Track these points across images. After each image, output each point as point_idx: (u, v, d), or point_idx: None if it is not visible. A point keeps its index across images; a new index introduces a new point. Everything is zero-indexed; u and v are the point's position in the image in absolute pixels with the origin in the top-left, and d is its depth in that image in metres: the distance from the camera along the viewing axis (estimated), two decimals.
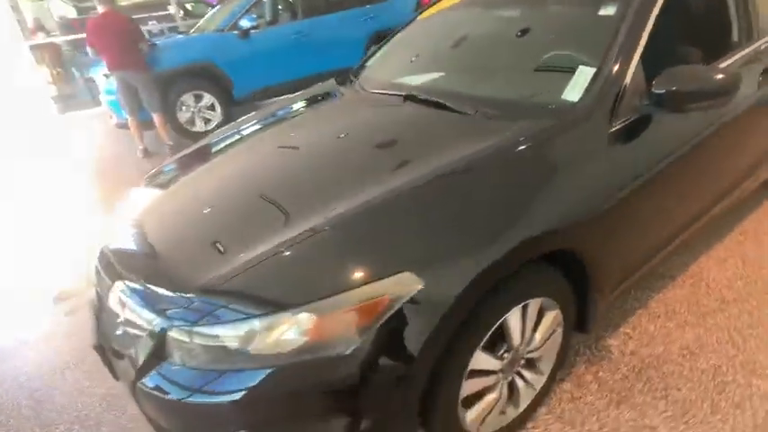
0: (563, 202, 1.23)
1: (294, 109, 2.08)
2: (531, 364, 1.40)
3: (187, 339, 1.07)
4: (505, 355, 1.28)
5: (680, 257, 2.05)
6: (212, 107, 5.08)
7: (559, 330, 1.41)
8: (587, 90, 1.38)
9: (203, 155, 1.87)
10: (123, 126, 5.03)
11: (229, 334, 1.04)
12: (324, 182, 1.33)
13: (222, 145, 1.88)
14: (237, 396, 1.03)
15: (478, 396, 1.28)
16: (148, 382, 1.10)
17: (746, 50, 1.74)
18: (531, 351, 1.36)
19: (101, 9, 4.18)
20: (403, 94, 1.74)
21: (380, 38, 5.59)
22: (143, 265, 1.26)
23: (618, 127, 1.35)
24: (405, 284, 1.01)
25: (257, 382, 1.02)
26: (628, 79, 1.37)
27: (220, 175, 1.63)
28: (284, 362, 1.01)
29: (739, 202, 2.07)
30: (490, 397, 1.30)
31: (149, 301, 1.15)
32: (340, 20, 5.46)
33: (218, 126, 5.16)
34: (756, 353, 1.62)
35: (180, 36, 5.61)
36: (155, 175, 1.85)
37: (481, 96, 1.60)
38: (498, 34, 1.86)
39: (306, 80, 5.38)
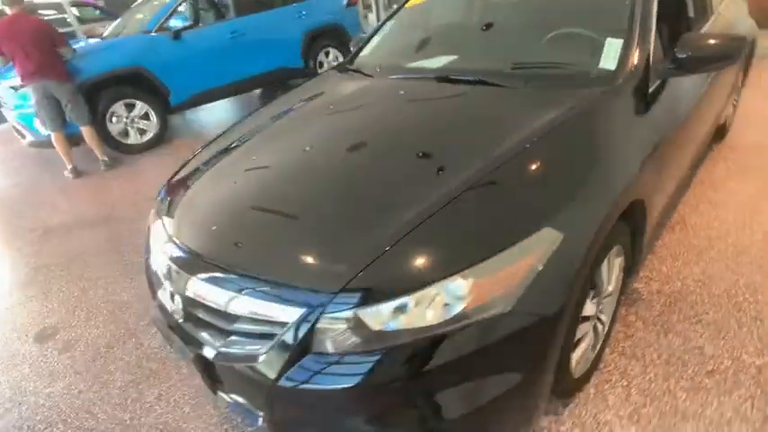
0: (632, 156, 1.39)
1: (320, 100, 2.00)
2: (602, 309, 1.55)
3: (338, 326, 1.04)
4: (594, 300, 1.41)
5: None
6: (147, 116, 4.68)
7: (621, 275, 1.58)
8: (621, 59, 1.56)
9: (247, 138, 1.77)
10: (41, 145, 4.44)
11: (384, 313, 1.03)
12: (426, 158, 1.33)
13: (263, 131, 1.79)
14: (395, 373, 1.03)
15: (577, 342, 1.39)
16: (297, 377, 1.05)
17: (707, 25, 2.08)
18: (606, 296, 1.51)
19: (10, 11, 3.63)
20: (432, 76, 1.81)
21: (316, 36, 5.65)
22: (269, 261, 1.17)
23: (652, 89, 1.55)
24: (548, 239, 1.09)
25: (415, 354, 1.03)
26: (651, 48, 1.58)
27: (293, 156, 1.54)
28: (441, 331, 1.02)
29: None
30: (586, 341, 1.43)
31: (285, 296, 1.08)
32: (274, 18, 5.34)
33: (156, 137, 4.76)
34: (751, 275, 1.95)
35: (100, 40, 5.05)
36: (202, 161, 1.74)
37: (515, 71, 1.72)
38: (512, 13, 2.00)
39: (245, 82, 5.23)
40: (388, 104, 1.74)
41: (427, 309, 1.03)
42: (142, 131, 4.71)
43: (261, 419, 1.25)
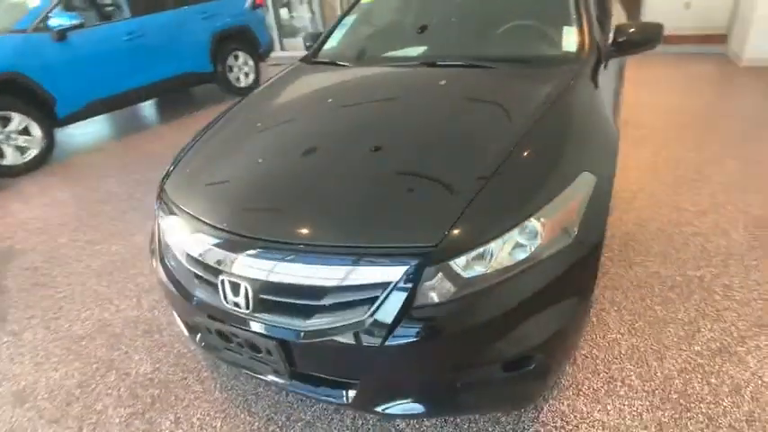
0: (610, 116, 1.72)
1: (321, 84, 2.04)
2: None
3: (436, 278, 1.12)
4: None
5: None
6: (27, 131, 4.02)
7: None
8: (579, 43, 1.90)
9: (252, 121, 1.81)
10: None
11: (472, 260, 1.15)
12: (472, 124, 1.48)
13: (277, 114, 1.86)
14: (487, 314, 1.16)
15: None
16: (405, 333, 1.12)
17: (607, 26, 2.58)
18: None
19: None
20: (422, 62, 1.98)
21: (224, 38, 5.42)
22: (355, 229, 1.20)
23: (603, 65, 1.92)
24: (587, 181, 1.32)
25: (503, 293, 1.17)
26: (597, 34, 1.95)
27: (337, 132, 1.61)
28: (523, 267, 1.17)
29: None
30: None
31: (385, 258, 1.13)
32: (176, 18, 4.98)
33: (41, 155, 4.12)
34: (671, 214, 2.49)
35: None
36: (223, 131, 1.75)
37: (496, 55, 1.96)
38: (475, 7, 2.26)
39: (149, 88, 4.83)
40: (399, 86, 1.86)
41: (509, 251, 1.18)
42: (22, 149, 4.04)
43: (347, 395, 1.28)
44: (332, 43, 2.46)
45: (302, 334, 1.19)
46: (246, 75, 5.95)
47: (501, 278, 1.16)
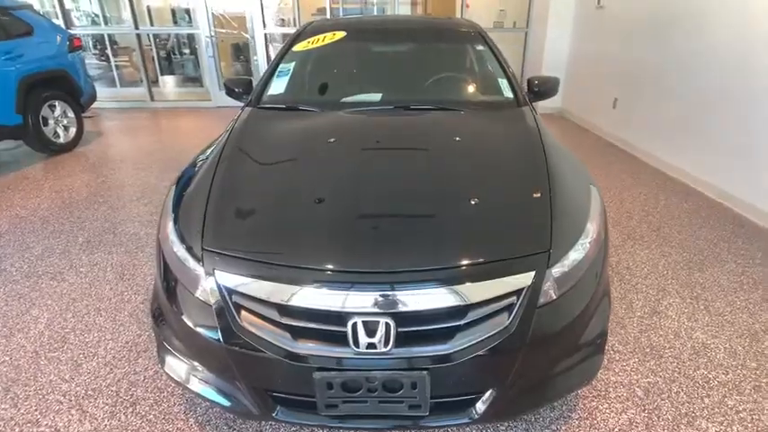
0: None
1: (313, 128, 2.11)
2: None
3: (547, 279, 1.38)
4: None
5: None
6: None
7: None
8: (512, 91, 2.48)
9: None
10: None
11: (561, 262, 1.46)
12: (491, 157, 1.84)
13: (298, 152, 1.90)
14: (584, 303, 1.49)
15: None
16: (540, 330, 1.33)
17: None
18: None
19: None
20: (393, 107, 2.27)
21: (35, 85, 4.53)
22: (480, 247, 1.38)
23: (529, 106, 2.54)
24: (595, 191, 1.78)
25: (584, 285, 1.51)
26: (519, 82, 2.58)
27: (386, 169, 1.78)
28: (591, 257, 1.52)
29: None
30: None
31: (515, 268, 1.34)
32: None
33: None
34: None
35: None
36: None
37: (455, 101, 2.40)
38: (419, 62, 2.65)
39: None
40: (404, 125, 2.09)
41: (577, 250, 1.54)
42: None
43: (476, 410, 1.39)
44: (277, 89, 2.51)
45: (456, 355, 1.27)
46: (66, 128, 5.07)
47: (580, 273, 1.49)
